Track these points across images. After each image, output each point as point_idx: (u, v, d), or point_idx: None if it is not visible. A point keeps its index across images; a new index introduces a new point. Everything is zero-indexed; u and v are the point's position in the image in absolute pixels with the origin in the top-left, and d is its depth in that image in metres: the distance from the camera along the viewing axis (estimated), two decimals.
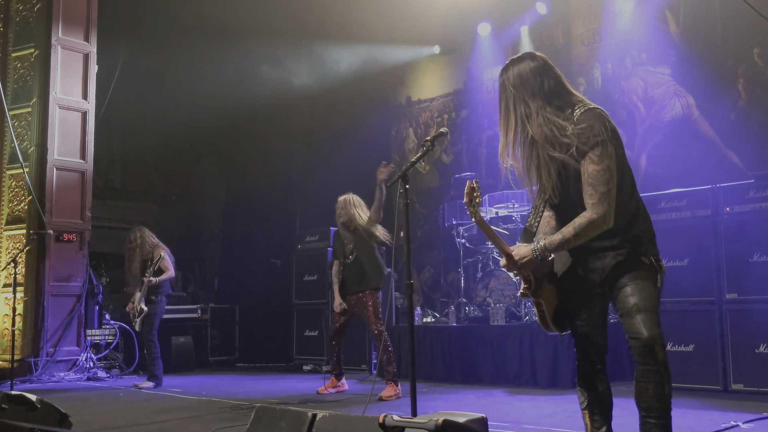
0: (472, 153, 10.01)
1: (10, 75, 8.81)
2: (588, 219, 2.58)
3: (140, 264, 7.45)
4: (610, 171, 2.58)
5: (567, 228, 2.62)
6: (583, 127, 2.61)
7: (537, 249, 2.66)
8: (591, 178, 2.58)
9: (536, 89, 2.70)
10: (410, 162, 3.55)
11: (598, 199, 2.57)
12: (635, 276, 2.63)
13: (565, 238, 2.61)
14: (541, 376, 6.44)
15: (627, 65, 8.40)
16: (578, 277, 2.75)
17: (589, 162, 2.58)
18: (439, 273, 9.61)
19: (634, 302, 2.59)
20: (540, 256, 2.67)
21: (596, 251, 2.69)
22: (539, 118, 2.66)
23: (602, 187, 2.57)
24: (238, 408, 5.43)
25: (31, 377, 7.74)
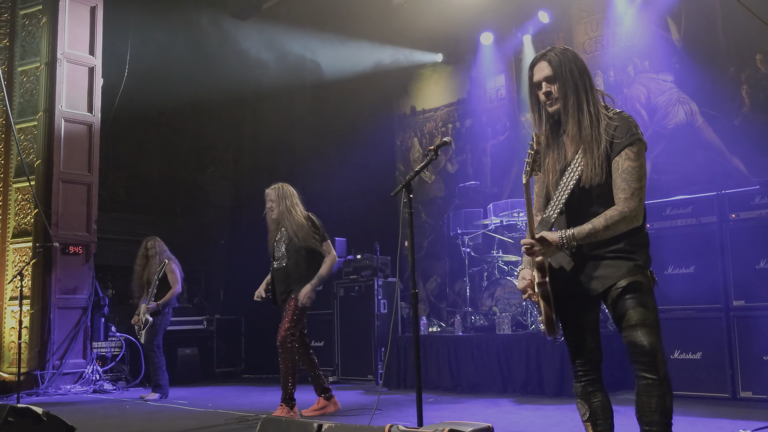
0: (477, 162, 10.01)
1: (16, 89, 8.87)
2: (620, 212, 2.57)
3: (148, 275, 7.47)
4: (644, 169, 2.62)
5: (597, 219, 2.59)
6: (620, 124, 2.65)
7: (565, 236, 2.59)
8: (626, 173, 2.60)
9: (588, 80, 2.73)
10: (414, 171, 3.56)
11: (631, 194, 2.58)
12: (638, 289, 2.61)
13: (595, 228, 2.58)
14: (548, 385, 6.41)
15: (629, 73, 8.41)
16: (578, 283, 2.72)
17: (626, 158, 2.60)
18: (446, 282, 9.59)
19: (635, 316, 2.58)
20: (566, 245, 2.60)
21: (601, 258, 2.67)
22: (591, 107, 2.68)
23: (636, 183, 2.59)
24: (245, 419, 5.42)
25: (37, 390, 7.75)
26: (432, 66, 10.62)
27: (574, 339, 2.78)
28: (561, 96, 2.71)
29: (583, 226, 2.60)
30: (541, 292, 2.66)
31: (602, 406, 2.75)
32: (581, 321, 2.76)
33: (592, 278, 2.69)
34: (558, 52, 2.77)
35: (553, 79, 2.72)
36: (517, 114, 9.58)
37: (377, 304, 8.30)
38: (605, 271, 2.66)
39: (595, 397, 2.75)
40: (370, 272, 8.56)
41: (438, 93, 10.70)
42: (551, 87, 2.73)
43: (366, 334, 8.34)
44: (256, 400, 7.09)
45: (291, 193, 5.76)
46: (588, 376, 2.76)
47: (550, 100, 2.74)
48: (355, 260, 8.79)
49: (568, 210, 2.71)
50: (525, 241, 2.62)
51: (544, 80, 2.74)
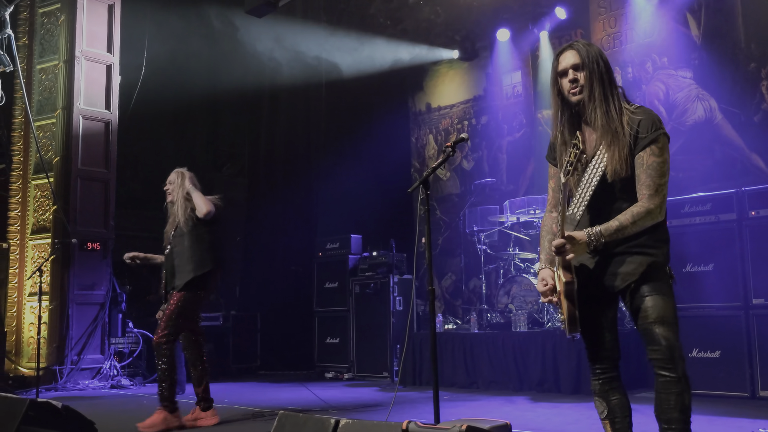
0: (493, 159, 9.98)
1: (35, 87, 8.94)
2: (646, 208, 2.56)
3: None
4: (667, 164, 2.60)
5: (623, 215, 2.57)
6: (644, 118, 2.63)
7: (593, 234, 2.56)
8: (650, 169, 2.58)
9: (612, 75, 2.72)
10: (431, 168, 3.55)
11: (655, 190, 2.57)
12: (657, 286, 2.60)
13: (623, 225, 2.56)
14: (564, 383, 6.38)
15: (648, 69, 8.34)
16: (597, 280, 2.70)
17: (650, 153, 2.59)
18: (461, 280, 9.58)
19: (654, 314, 2.56)
20: (594, 243, 2.57)
21: (620, 254, 2.65)
22: (616, 100, 2.67)
23: (660, 179, 2.58)
24: (261, 415, 5.44)
25: (56, 385, 7.82)
26: (448, 62, 10.59)
27: (592, 337, 2.76)
28: (587, 84, 2.69)
29: (610, 223, 2.57)
30: (566, 291, 2.62)
31: (620, 405, 2.73)
32: (600, 319, 2.74)
33: (611, 275, 2.67)
34: (584, 43, 2.76)
35: (581, 66, 2.70)
36: (534, 111, 9.54)
37: (393, 301, 8.30)
38: (624, 268, 2.63)
39: (614, 395, 2.73)
40: (386, 269, 8.55)
41: (454, 90, 10.67)
42: (578, 74, 2.70)
43: (381, 331, 8.34)
44: (272, 395, 7.11)
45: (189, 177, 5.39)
46: (606, 374, 2.75)
47: (576, 88, 2.70)
48: (371, 257, 8.79)
49: (593, 206, 2.68)
50: (557, 242, 2.57)
51: (571, 67, 2.71)
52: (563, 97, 2.77)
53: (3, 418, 3.56)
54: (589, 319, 2.72)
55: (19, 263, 8.67)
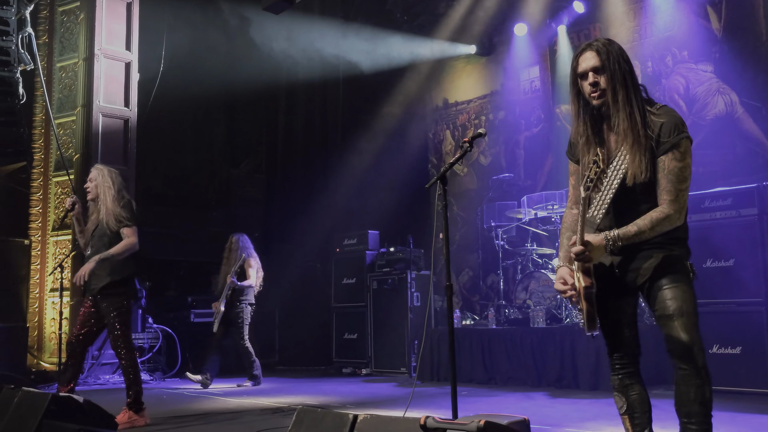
0: (510, 154, 9.94)
1: (55, 84, 9.03)
2: (665, 214, 2.54)
3: (227, 268, 7.73)
4: (689, 168, 2.58)
5: (642, 220, 2.55)
6: (666, 121, 2.59)
7: (610, 238, 2.55)
8: (671, 174, 2.56)
9: (634, 75, 2.66)
10: (449, 163, 3.54)
11: (676, 196, 2.55)
12: (675, 279, 2.58)
13: (641, 229, 2.54)
14: (583, 379, 6.35)
15: (668, 63, 8.26)
16: (616, 276, 2.68)
17: (672, 158, 2.56)
18: (478, 275, 9.56)
19: (673, 306, 2.55)
20: (612, 247, 2.57)
21: (640, 250, 2.64)
22: (639, 102, 2.62)
23: (680, 185, 2.56)
24: (280, 410, 5.47)
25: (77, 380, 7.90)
26: (465, 58, 10.56)
27: (611, 332, 2.75)
28: (609, 88, 2.64)
29: (629, 228, 2.56)
30: (586, 294, 2.61)
31: (640, 400, 2.71)
32: (619, 315, 2.73)
33: (630, 271, 2.66)
34: (604, 42, 2.69)
35: (601, 69, 2.65)
36: (552, 106, 9.48)
37: (410, 296, 8.30)
38: (644, 264, 2.63)
39: (633, 390, 2.72)
40: (403, 265, 8.56)
41: (471, 85, 10.63)
42: (599, 78, 2.65)
43: (399, 326, 8.35)
44: (291, 391, 7.14)
45: (112, 176, 5.17)
46: (625, 369, 2.73)
47: (597, 92, 2.66)
48: (388, 253, 8.80)
49: (613, 209, 2.67)
50: (576, 249, 2.56)
51: (591, 70, 2.66)
52: (584, 97, 2.73)
53: (26, 412, 3.61)
54: (609, 314, 2.70)
55: (41, 259, 8.78)
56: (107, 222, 5.00)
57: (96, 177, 5.13)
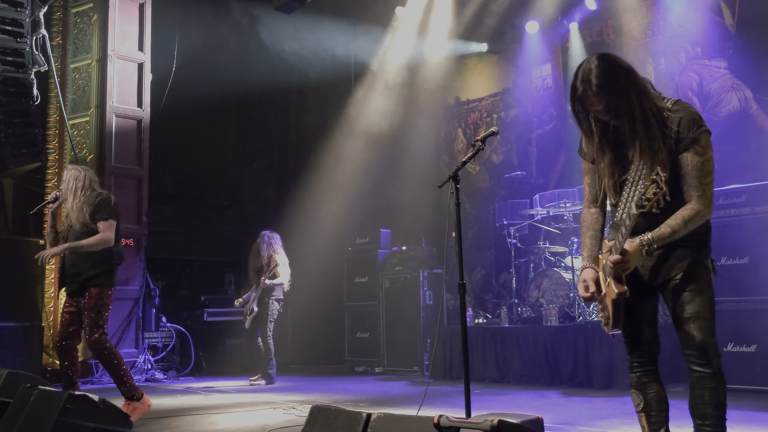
0: (522, 152, 9.90)
1: (69, 86, 9.09)
2: (696, 211, 2.52)
3: (257, 266, 7.91)
4: (711, 162, 2.56)
5: (674, 220, 2.52)
6: (684, 116, 2.56)
7: (645, 242, 2.51)
8: (695, 170, 2.54)
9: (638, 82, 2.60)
10: (461, 162, 3.54)
11: (703, 191, 2.53)
12: (695, 280, 2.57)
13: (674, 229, 2.51)
14: (596, 377, 6.33)
15: (681, 60, 8.20)
16: (638, 274, 2.66)
17: (693, 153, 2.54)
18: (491, 274, 9.55)
19: (691, 309, 2.54)
20: (647, 251, 2.53)
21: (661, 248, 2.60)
22: (650, 109, 2.56)
23: (706, 179, 2.54)
24: (293, 409, 5.49)
25: (92, 378, 7.96)
26: (477, 56, 10.52)
27: (631, 331, 2.72)
28: (617, 115, 2.58)
29: (662, 229, 2.52)
30: (616, 300, 2.59)
31: (657, 398, 2.70)
32: (640, 314, 2.70)
33: (652, 270, 2.65)
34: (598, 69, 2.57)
35: (607, 110, 2.58)
36: (564, 103, 9.44)
37: (423, 295, 8.31)
38: (665, 262, 2.61)
39: (651, 388, 2.70)
40: (415, 264, 8.56)
41: (482, 83, 10.60)
42: (607, 117, 2.61)
43: (411, 325, 8.35)
44: (304, 389, 7.16)
45: (83, 176, 5.07)
46: (644, 367, 2.72)
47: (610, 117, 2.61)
48: (400, 252, 8.81)
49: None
50: (614, 259, 2.52)
51: (597, 113, 2.62)
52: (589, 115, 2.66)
53: (42, 410, 3.64)
54: (629, 312, 2.68)
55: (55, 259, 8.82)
56: (73, 222, 4.96)
57: (65, 178, 5.09)
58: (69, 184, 5.04)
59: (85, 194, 5.00)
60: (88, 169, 5.28)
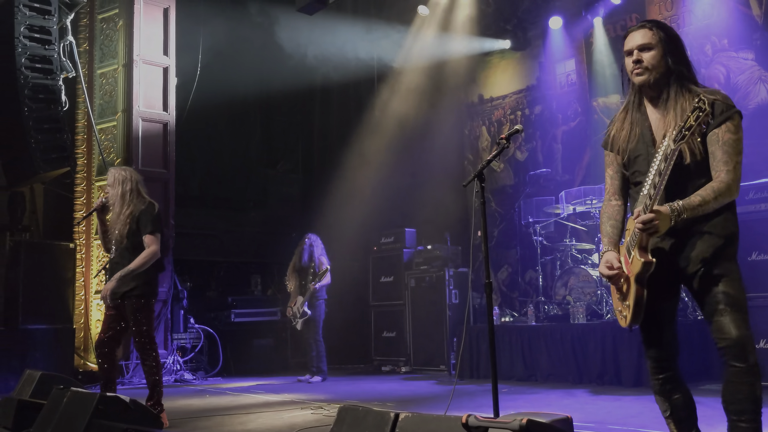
0: (547, 149, 9.84)
1: (96, 91, 9.21)
2: (726, 184, 2.51)
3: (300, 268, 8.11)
4: (741, 143, 2.56)
5: (704, 191, 2.50)
6: (718, 98, 2.59)
7: (675, 209, 2.47)
8: (727, 146, 2.54)
9: (686, 54, 2.68)
10: (486, 161, 3.53)
11: (733, 167, 2.53)
12: (728, 272, 2.53)
13: (704, 199, 2.49)
14: (625, 375, 6.27)
15: (707, 52, 8.09)
16: (663, 266, 2.60)
17: (726, 130, 2.55)
18: (517, 272, 9.50)
19: (726, 300, 2.49)
20: (676, 218, 2.48)
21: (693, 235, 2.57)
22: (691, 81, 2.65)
23: (737, 157, 2.54)
24: (321, 408, 5.51)
25: (122, 380, 8.06)
26: (500, 53, 10.48)
27: (650, 330, 2.68)
28: (657, 67, 2.63)
29: (691, 198, 2.50)
30: (640, 273, 2.54)
31: (683, 401, 2.66)
32: (659, 315, 2.66)
33: (682, 258, 2.60)
34: (655, 22, 2.70)
35: (648, 47, 2.64)
36: (589, 99, 9.36)
37: (448, 294, 8.29)
38: (696, 252, 2.57)
39: (675, 393, 2.66)
40: (441, 262, 8.54)
41: (506, 80, 10.55)
42: (642, 55, 2.64)
43: (438, 324, 8.34)
44: (331, 389, 7.19)
45: (130, 178, 5.04)
46: (665, 372, 2.67)
47: (640, 69, 2.65)
48: (426, 251, 8.79)
49: (668, 187, 2.57)
50: (645, 217, 2.47)
51: (636, 48, 2.66)
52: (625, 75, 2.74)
53: (75, 411, 3.70)
54: (649, 315, 2.63)
55: (85, 262, 8.96)
56: (118, 228, 4.92)
57: (111, 182, 5.05)
58: (116, 189, 4.97)
59: (132, 200, 4.95)
60: (133, 170, 5.23)
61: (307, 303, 7.99)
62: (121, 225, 4.90)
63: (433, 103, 10.70)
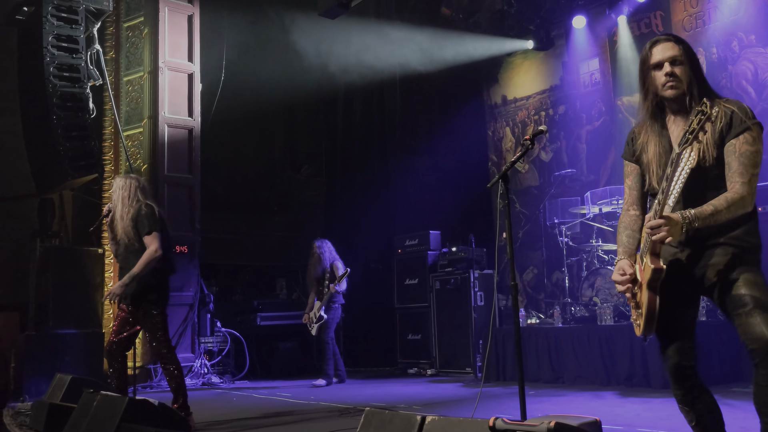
0: (572, 149, 9.77)
1: (122, 98, 9.33)
2: (740, 195, 2.47)
3: (315, 274, 8.12)
4: (760, 156, 2.53)
5: (717, 201, 2.47)
6: (737, 109, 2.56)
7: (687, 217, 2.44)
8: (744, 158, 2.50)
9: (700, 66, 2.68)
10: (510, 162, 3.51)
11: (749, 179, 2.49)
12: (751, 271, 2.49)
13: (717, 209, 2.45)
14: (654, 377, 6.19)
15: (734, 48, 7.98)
16: (681, 277, 2.57)
17: (744, 141, 2.51)
18: (543, 273, 9.43)
19: (752, 300, 2.43)
20: (688, 226, 2.45)
21: (711, 245, 2.55)
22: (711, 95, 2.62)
23: (753, 169, 2.50)
24: (347, 412, 5.52)
25: (151, 383, 8.15)
26: (522, 53, 10.44)
27: (668, 338, 2.63)
28: (686, 80, 2.61)
29: (703, 207, 2.46)
30: (652, 279, 2.51)
31: (708, 409, 2.62)
32: (678, 324, 2.62)
33: (700, 266, 2.57)
34: (674, 36, 2.69)
35: (678, 61, 2.62)
36: (613, 98, 9.28)
37: (474, 296, 8.25)
38: (716, 258, 2.54)
39: (699, 402, 2.62)
40: (466, 264, 8.51)
41: (529, 80, 10.51)
42: (675, 68, 2.62)
43: (463, 326, 8.31)
44: (356, 392, 7.19)
45: (128, 184, 5.05)
46: (686, 382, 2.62)
47: (673, 82, 2.61)
48: (450, 253, 8.77)
49: (683, 199, 2.57)
50: (654, 222, 2.44)
51: (668, 60, 2.62)
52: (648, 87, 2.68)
53: (105, 414, 3.75)
54: (667, 318, 2.58)
55: (114, 267, 9.06)
56: (123, 233, 4.96)
57: (113, 189, 5.11)
58: (116, 194, 5.04)
59: (131, 204, 4.98)
60: (136, 176, 5.28)
61: (324, 307, 7.98)
62: (122, 230, 4.95)
63: (456, 105, 10.69)
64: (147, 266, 4.86)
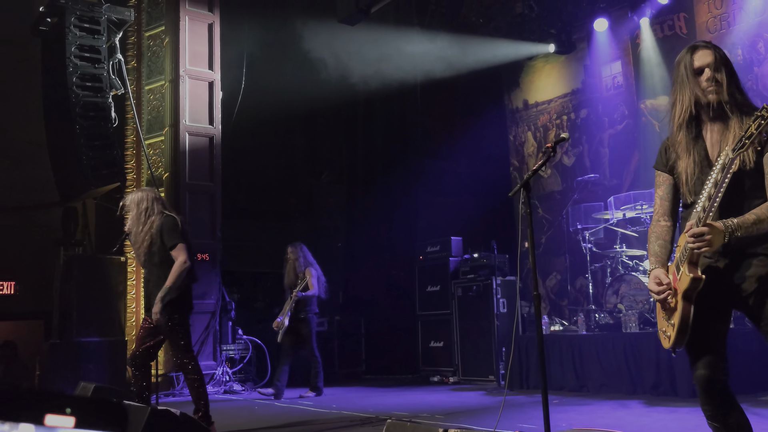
0: (594, 154, 9.67)
1: (144, 107, 9.40)
2: None
3: (290, 279, 7.94)
4: None
5: (760, 209, 2.42)
6: None
7: (729, 225, 2.40)
8: None
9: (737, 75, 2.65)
10: (532, 170, 3.46)
11: None
12: None
13: (759, 218, 2.40)
14: (681, 386, 6.07)
15: (760, 50, 7.85)
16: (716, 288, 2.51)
17: None
18: (566, 279, 9.33)
19: None
20: (730, 235, 2.40)
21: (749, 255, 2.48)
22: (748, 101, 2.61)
23: None
24: (369, 421, 5.48)
25: (173, 391, 8.17)
26: (544, 57, 10.35)
27: (700, 351, 2.56)
28: (726, 85, 2.57)
29: (746, 216, 2.42)
30: (688, 289, 2.46)
31: (738, 424, 2.55)
32: (709, 331, 2.55)
33: (738, 277, 2.51)
34: (712, 44, 2.68)
35: (719, 67, 2.59)
36: (636, 101, 9.17)
37: (496, 303, 8.18)
38: (754, 270, 2.48)
39: (730, 417, 2.55)
40: (488, 271, 8.44)
41: (551, 84, 10.42)
42: (717, 74, 2.59)
43: (486, 334, 8.24)
44: (379, 401, 7.15)
45: (144, 198, 5.02)
46: (717, 398, 2.55)
47: (715, 87, 2.58)
48: (472, 259, 8.70)
49: (722, 208, 2.50)
50: (698, 230, 2.39)
51: (710, 66, 2.60)
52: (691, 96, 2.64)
53: None
54: (698, 333, 2.53)
55: (136, 275, 9.12)
56: (140, 247, 4.95)
57: (128, 205, 5.06)
58: (133, 211, 4.99)
59: (149, 217, 4.95)
60: (150, 188, 5.28)
61: (290, 314, 7.69)
62: (140, 244, 4.93)
63: (477, 110, 10.64)
64: (178, 278, 4.86)
